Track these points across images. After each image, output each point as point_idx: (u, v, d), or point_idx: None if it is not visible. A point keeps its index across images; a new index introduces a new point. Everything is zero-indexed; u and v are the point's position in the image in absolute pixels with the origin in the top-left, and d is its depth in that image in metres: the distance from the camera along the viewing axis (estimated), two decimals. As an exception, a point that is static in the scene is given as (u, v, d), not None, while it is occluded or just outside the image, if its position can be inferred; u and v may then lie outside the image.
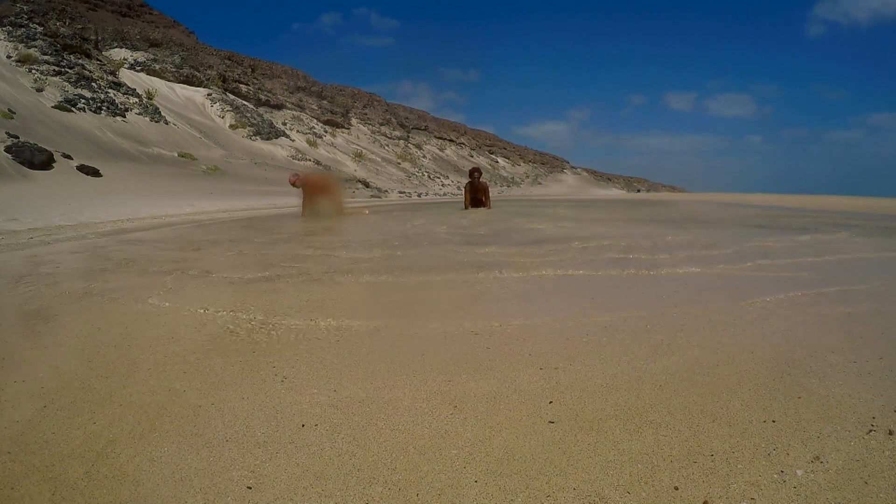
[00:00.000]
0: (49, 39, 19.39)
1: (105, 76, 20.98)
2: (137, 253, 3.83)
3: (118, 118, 18.79)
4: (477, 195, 9.66)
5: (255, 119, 29.42)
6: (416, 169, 41.72)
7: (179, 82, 29.50)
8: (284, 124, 33.49)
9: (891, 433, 1.06)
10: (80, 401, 1.30)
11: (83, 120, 16.94)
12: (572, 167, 73.98)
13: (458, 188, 33.68)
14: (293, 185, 7.82)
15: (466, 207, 9.81)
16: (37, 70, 17.93)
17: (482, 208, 9.49)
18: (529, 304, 2.19)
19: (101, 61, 22.05)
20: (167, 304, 2.22)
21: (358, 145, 38.81)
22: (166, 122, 21.60)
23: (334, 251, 3.82)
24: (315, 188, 7.88)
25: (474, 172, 9.75)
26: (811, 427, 1.10)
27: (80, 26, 21.87)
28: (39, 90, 17.01)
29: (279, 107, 36.43)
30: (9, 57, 17.82)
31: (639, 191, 68.38)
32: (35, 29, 19.34)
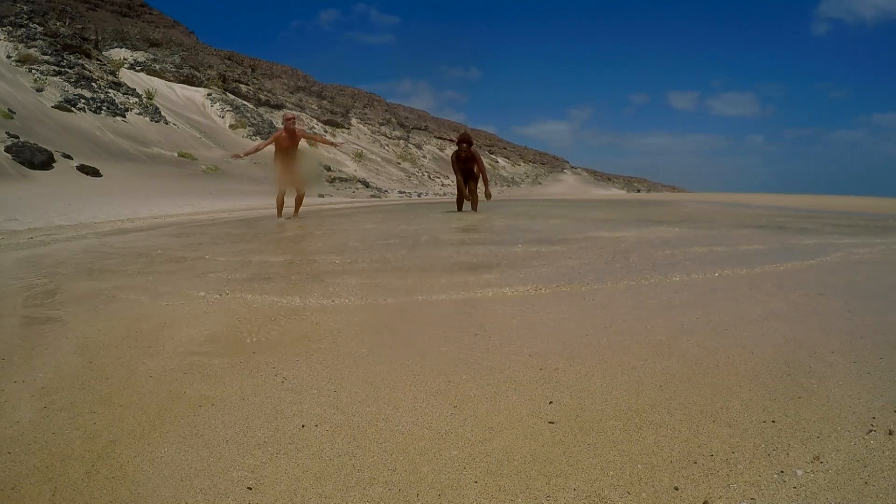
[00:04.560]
0: (49, 39, 19.38)
1: (105, 76, 20.96)
2: (137, 253, 3.83)
3: (118, 118, 18.77)
4: (467, 165, 8.02)
5: (255, 119, 29.41)
6: (417, 169, 41.73)
7: (179, 82, 29.48)
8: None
9: (891, 433, 1.06)
10: (80, 401, 1.30)
11: (83, 120, 16.93)
12: (572, 167, 73.95)
13: (458, 188, 33.53)
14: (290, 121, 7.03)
15: (461, 193, 8.08)
16: (37, 70, 17.91)
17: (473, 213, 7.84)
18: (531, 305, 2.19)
19: (101, 61, 22.04)
20: (167, 304, 2.22)
21: (358, 145, 38.79)
22: (166, 122, 21.58)
23: (334, 251, 3.82)
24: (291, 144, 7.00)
25: (462, 143, 8.03)
26: (811, 427, 1.10)
27: (80, 26, 21.86)
28: (39, 90, 17.00)
29: (279, 107, 36.41)
30: (9, 57, 17.81)
31: (639, 191, 68.38)
32: (35, 29, 19.33)
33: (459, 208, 8.46)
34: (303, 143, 7.63)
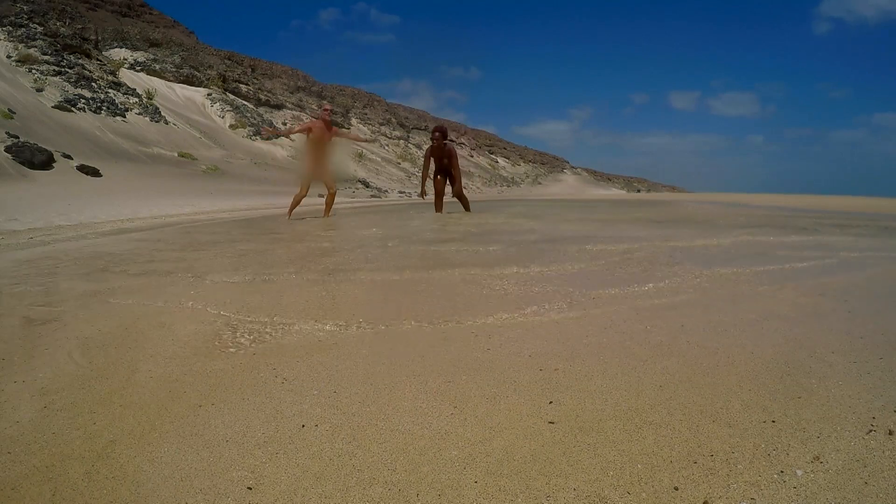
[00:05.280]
0: (49, 39, 19.37)
1: (105, 76, 20.96)
2: (137, 253, 3.83)
3: (118, 118, 18.76)
4: (443, 162, 7.51)
5: (255, 119, 29.40)
6: (417, 169, 41.67)
7: (179, 82, 29.46)
8: (284, 124, 33.46)
9: (891, 433, 1.06)
10: (80, 401, 1.30)
11: (83, 120, 16.93)
12: (572, 167, 73.90)
13: (458, 188, 33.38)
14: (328, 114, 6.69)
15: (422, 190, 7.90)
16: (37, 70, 17.90)
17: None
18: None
19: (101, 61, 22.04)
20: (167, 304, 2.22)
21: (358, 145, 38.77)
22: (166, 122, 21.57)
23: (334, 251, 3.82)
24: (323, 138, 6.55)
25: (435, 132, 7.54)
26: (811, 427, 1.10)
27: (80, 26, 21.85)
28: (39, 90, 16.99)
29: (279, 107, 36.40)
30: (9, 57, 17.80)
31: (639, 191, 68.35)
32: (35, 29, 19.33)
33: (440, 208, 7.87)
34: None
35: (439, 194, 7.84)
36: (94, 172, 12.51)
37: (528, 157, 68.14)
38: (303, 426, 1.16)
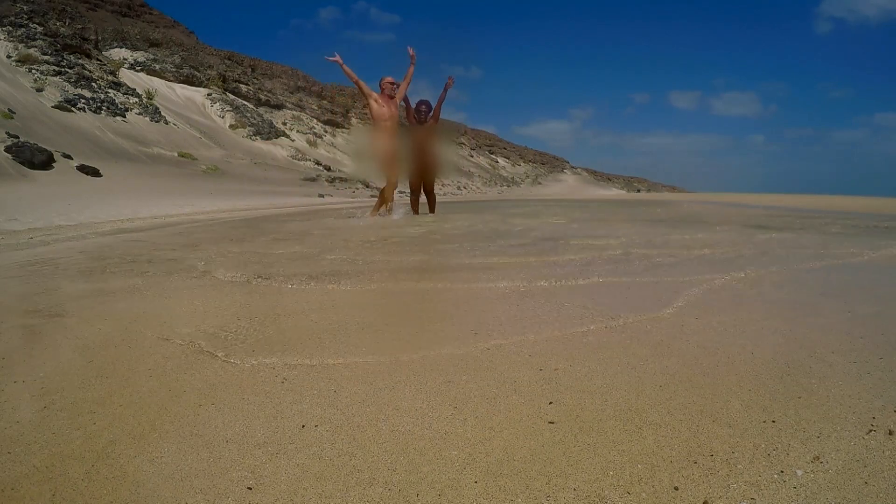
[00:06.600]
0: (49, 39, 19.37)
1: (105, 76, 20.95)
2: (137, 253, 3.83)
3: (118, 118, 18.76)
4: (419, 144, 6.29)
5: (255, 119, 29.40)
6: (416, 169, 41.59)
7: (179, 82, 29.45)
8: (284, 124, 33.44)
9: (891, 433, 1.06)
10: (80, 401, 1.30)
11: (83, 120, 16.92)
12: (572, 167, 73.82)
13: (459, 188, 33.46)
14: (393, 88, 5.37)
15: (413, 187, 6.58)
16: (37, 70, 17.90)
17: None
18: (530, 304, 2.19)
19: (101, 61, 22.03)
20: (167, 303, 2.22)
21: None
22: (166, 122, 21.56)
23: (334, 251, 3.82)
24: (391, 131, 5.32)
25: (421, 106, 6.50)
26: (811, 427, 1.10)
27: (80, 26, 21.86)
28: (39, 90, 16.99)
29: (279, 107, 36.36)
30: (9, 57, 17.80)
31: (639, 191, 68.29)
32: (35, 29, 19.32)
33: (416, 210, 7.01)
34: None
35: (416, 191, 7.06)
36: (94, 172, 12.50)
37: (528, 157, 68.10)
38: (303, 426, 1.16)
